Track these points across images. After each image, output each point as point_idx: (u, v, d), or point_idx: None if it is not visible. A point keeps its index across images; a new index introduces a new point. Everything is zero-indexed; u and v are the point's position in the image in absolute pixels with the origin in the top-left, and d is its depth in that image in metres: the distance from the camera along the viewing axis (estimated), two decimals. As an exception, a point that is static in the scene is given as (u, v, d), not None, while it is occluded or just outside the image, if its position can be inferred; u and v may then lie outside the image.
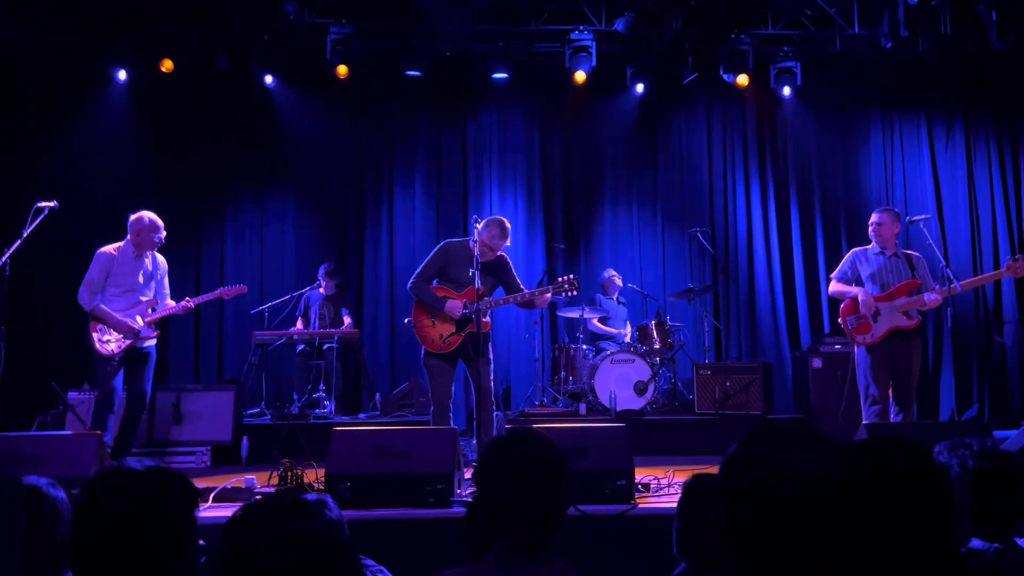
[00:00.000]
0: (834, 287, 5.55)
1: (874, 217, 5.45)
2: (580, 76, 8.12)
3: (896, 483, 1.22)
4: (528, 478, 1.73)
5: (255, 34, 8.02)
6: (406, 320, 5.50)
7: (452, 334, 5.10)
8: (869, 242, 5.49)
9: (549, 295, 5.19)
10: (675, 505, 4.15)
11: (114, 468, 1.34)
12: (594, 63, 8.04)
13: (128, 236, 5.41)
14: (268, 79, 8.34)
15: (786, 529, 1.01)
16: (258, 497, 4.06)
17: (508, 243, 5.27)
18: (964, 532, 1.97)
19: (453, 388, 5.24)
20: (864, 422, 5.24)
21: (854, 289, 5.37)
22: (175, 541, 1.27)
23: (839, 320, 5.49)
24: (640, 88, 8.61)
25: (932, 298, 5.20)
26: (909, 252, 5.48)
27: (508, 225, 5.23)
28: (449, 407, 5.14)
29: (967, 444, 2.04)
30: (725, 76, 8.31)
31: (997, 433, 5.23)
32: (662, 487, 4.57)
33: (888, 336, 5.23)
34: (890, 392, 5.31)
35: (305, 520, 1.82)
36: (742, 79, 8.26)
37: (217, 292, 5.87)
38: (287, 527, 1.04)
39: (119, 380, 5.32)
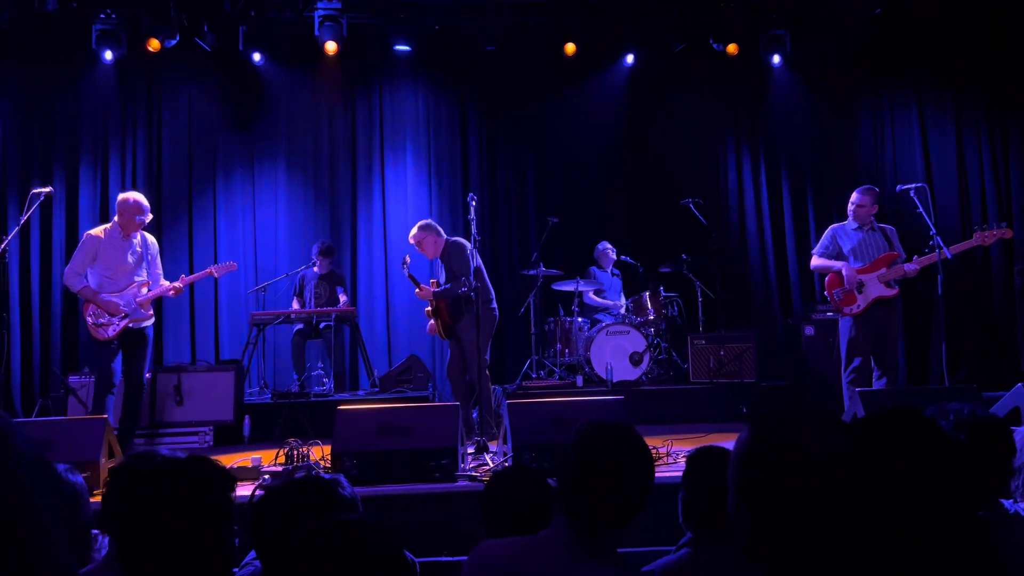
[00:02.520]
0: (817, 262, 5.82)
1: (856, 198, 5.70)
2: (570, 47, 8.10)
3: (906, 456, 1.24)
4: (623, 477, 1.79)
5: (242, 11, 7.94)
6: None
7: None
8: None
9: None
10: (674, 474, 4.26)
11: (149, 457, 1.39)
12: (584, 34, 8.02)
13: (115, 217, 5.40)
14: (256, 57, 8.27)
15: (802, 507, 1.05)
16: (267, 477, 4.15)
17: (424, 246, 6.11)
18: None
19: (458, 366, 5.99)
20: (844, 386, 5.45)
21: (838, 263, 5.63)
22: (215, 525, 1.33)
23: (825, 293, 5.77)
24: (630, 58, 8.59)
25: (912, 267, 5.50)
26: (883, 226, 5.75)
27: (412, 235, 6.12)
28: (459, 381, 5.95)
29: (946, 413, 2.07)
30: (714, 45, 8.30)
31: (985, 395, 5.34)
32: (661, 456, 4.67)
33: (872, 306, 5.49)
34: (871, 359, 5.57)
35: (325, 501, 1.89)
36: (731, 47, 8.26)
37: (207, 270, 5.92)
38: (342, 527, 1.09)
39: (117, 362, 5.34)
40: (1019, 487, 2.37)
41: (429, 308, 6.02)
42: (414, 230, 6.08)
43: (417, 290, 6.05)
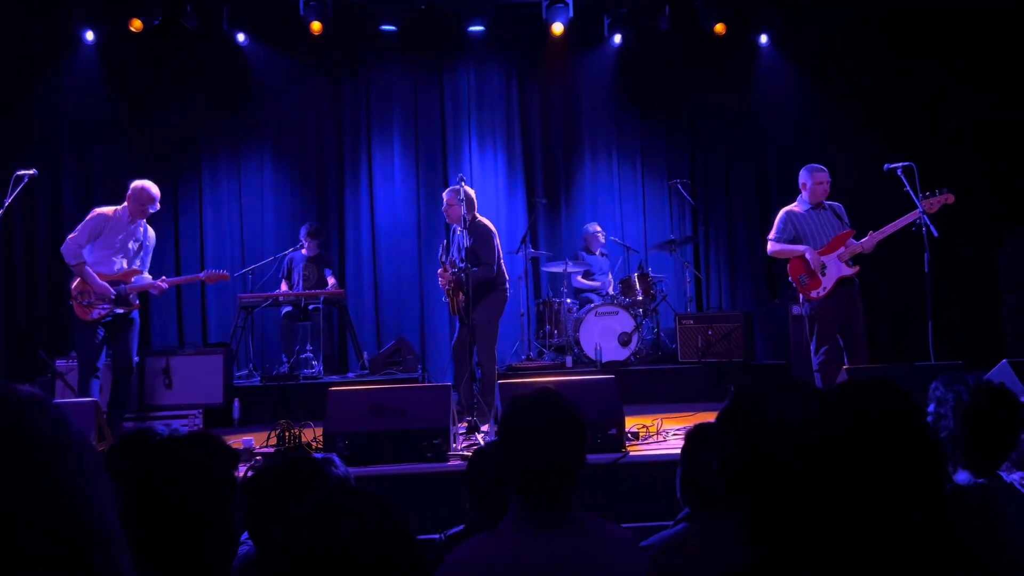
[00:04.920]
0: (775, 247, 5.66)
1: (816, 176, 5.58)
2: (557, 28, 8.06)
3: (873, 421, 1.28)
4: (552, 440, 1.76)
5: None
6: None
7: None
8: (830, 193, 5.65)
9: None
10: (663, 451, 4.31)
11: (146, 435, 1.39)
12: (571, 14, 7.99)
13: (125, 201, 5.44)
14: (240, 37, 8.18)
15: (770, 469, 1.08)
16: (259, 458, 4.14)
17: (446, 201, 5.86)
18: (955, 463, 2.06)
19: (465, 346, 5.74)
20: (815, 367, 5.44)
21: (800, 247, 5.51)
22: (220, 502, 1.32)
23: (789, 279, 5.65)
24: (618, 39, 8.56)
25: (868, 243, 5.45)
26: (831, 203, 5.68)
27: (451, 188, 5.86)
28: (463, 361, 5.71)
29: (963, 379, 2.11)
30: (702, 24, 8.28)
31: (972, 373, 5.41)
32: (651, 435, 4.71)
33: (836, 286, 5.43)
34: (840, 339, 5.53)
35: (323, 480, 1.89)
36: (719, 27, 8.25)
37: (200, 276, 6.01)
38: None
39: (101, 345, 5.34)
40: (1008, 464, 2.41)
41: (448, 288, 5.89)
42: (448, 191, 5.90)
43: (440, 269, 5.96)
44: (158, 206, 5.51)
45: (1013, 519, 1.91)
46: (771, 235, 5.73)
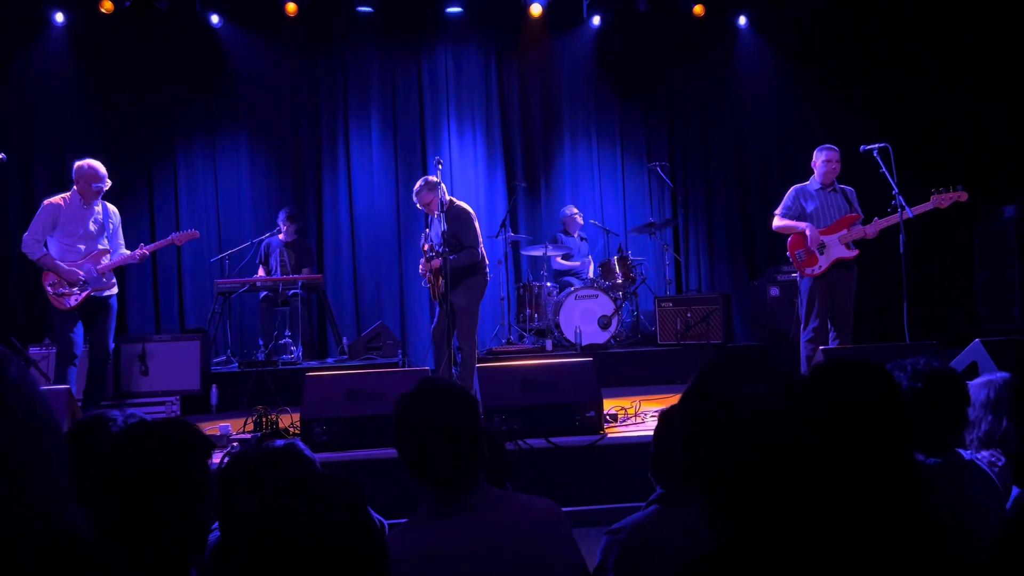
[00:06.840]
0: (779, 222, 5.80)
1: (825, 155, 5.69)
2: (536, 9, 8.03)
3: (856, 401, 1.29)
4: (442, 429, 1.78)
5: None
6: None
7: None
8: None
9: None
10: (642, 433, 4.33)
11: (104, 420, 1.36)
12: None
13: (74, 185, 5.34)
14: (214, 19, 8.06)
15: (737, 457, 1.07)
16: (235, 444, 4.12)
17: (420, 200, 5.80)
18: None
19: (444, 330, 5.71)
20: (803, 346, 5.52)
21: (801, 224, 5.64)
22: (193, 491, 1.31)
23: (787, 254, 5.79)
24: (596, 20, 8.52)
25: (872, 229, 5.57)
26: (843, 187, 5.80)
27: (418, 184, 5.82)
28: (442, 345, 5.68)
29: (903, 365, 2.14)
30: (681, 6, 8.26)
31: (945, 352, 5.48)
32: (629, 417, 4.73)
33: (832, 267, 5.55)
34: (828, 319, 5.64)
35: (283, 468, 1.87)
36: (698, 8, 8.24)
37: (169, 238, 5.89)
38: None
39: (79, 332, 5.28)
40: (975, 440, 2.44)
41: (429, 275, 5.82)
42: (419, 187, 5.81)
43: (423, 259, 5.89)
44: (106, 183, 5.36)
45: (973, 493, 1.94)
46: (777, 210, 5.85)
